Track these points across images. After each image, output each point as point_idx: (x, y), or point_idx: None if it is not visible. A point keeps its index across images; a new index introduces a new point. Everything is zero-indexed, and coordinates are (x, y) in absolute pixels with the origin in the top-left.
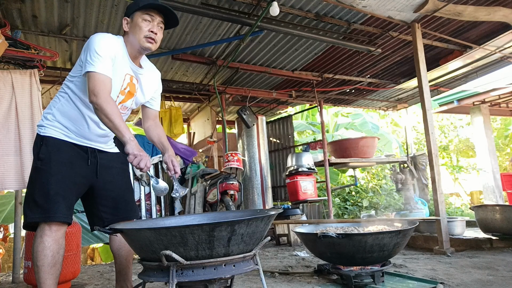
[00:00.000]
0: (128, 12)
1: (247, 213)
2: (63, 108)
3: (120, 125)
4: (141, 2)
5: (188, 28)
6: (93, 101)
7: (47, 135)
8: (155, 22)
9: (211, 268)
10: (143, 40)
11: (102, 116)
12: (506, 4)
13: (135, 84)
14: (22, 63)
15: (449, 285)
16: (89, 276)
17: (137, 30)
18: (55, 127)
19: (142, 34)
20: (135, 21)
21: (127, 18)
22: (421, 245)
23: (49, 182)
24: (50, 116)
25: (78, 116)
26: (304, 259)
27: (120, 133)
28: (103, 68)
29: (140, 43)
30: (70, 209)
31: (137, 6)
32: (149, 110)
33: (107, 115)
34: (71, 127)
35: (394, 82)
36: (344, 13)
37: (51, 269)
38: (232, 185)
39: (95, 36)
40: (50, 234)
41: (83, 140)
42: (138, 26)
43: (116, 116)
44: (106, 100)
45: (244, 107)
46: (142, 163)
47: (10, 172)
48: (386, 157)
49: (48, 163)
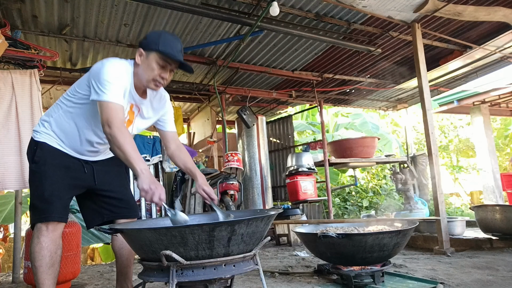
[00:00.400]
0: (145, 45)
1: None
2: (60, 120)
3: (132, 155)
4: (163, 47)
5: (188, 28)
6: (107, 132)
7: (41, 141)
8: (168, 68)
9: (211, 268)
10: (151, 83)
11: (115, 147)
12: (506, 4)
13: (135, 112)
14: (22, 63)
15: (449, 285)
16: (89, 276)
17: (149, 70)
18: (50, 135)
19: (152, 77)
20: (150, 61)
21: (142, 51)
22: (421, 245)
23: (44, 184)
24: (46, 124)
25: (72, 132)
26: (304, 259)
27: (131, 164)
28: (116, 96)
29: (147, 84)
30: (65, 208)
31: (157, 48)
32: (164, 132)
33: (120, 146)
34: (65, 139)
35: (394, 82)
36: (344, 13)
37: (49, 270)
38: (232, 185)
39: (108, 63)
40: (47, 234)
41: (75, 153)
42: (151, 67)
43: (129, 147)
44: (120, 130)
45: (244, 107)
46: (155, 198)
47: (10, 172)
48: (386, 157)
49: (43, 165)
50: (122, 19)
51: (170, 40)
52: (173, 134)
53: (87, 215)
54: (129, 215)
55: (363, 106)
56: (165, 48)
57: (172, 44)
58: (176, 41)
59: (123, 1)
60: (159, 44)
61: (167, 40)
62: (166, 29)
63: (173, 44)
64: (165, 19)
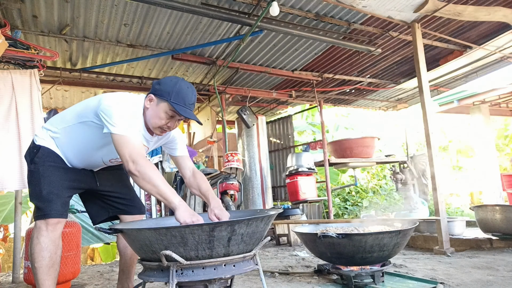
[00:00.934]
0: (157, 92)
1: (247, 213)
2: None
3: (166, 191)
4: (175, 99)
5: (188, 28)
6: (132, 169)
7: (43, 145)
8: (176, 118)
9: (211, 268)
10: (157, 129)
11: (145, 183)
12: (506, 4)
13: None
14: (22, 63)
15: (449, 285)
16: (89, 276)
17: (156, 118)
18: (53, 144)
19: (159, 125)
20: (159, 109)
21: (153, 97)
22: (421, 245)
23: (42, 183)
24: (51, 133)
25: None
26: (304, 259)
27: (167, 200)
28: (133, 131)
29: (153, 129)
30: (64, 206)
31: (169, 99)
32: (175, 158)
33: (152, 182)
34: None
35: (394, 82)
36: (344, 13)
37: (49, 270)
38: (232, 185)
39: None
40: (46, 235)
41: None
42: (159, 116)
43: (161, 182)
44: (147, 167)
45: (244, 107)
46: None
47: (10, 172)
48: (386, 157)
49: (41, 165)
50: (122, 19)
51: (184, 93)
52: (183, 159)
53: (92, 211)
54: (134, 212)
55: (363, 106)
56: (177, 101)
57: (185, 98)
58: (190, 93)
59: (123, 1)
60: (172, 95)
61: (180, 92)
62: (166, 29)
63: (186, 98)
64: (165, 19)
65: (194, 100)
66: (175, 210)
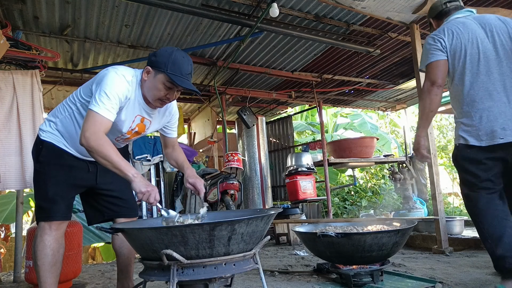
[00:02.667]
0: (154, 64)
1: (247, 212)
2: (66, 121)
3: (120, 164)
4: (171, 70)
5: (188, 29)
6: (85, 144)
7: (47, 140)
8: (175, 90)
9: (211, 267)
10: (157, 101)
11: (99, 158)
12: (505, 5)
13: (146, 125)
14: (24, 63)
15: (448, 284)
16: (90, 275)
17: (155, 90)
18: (55, 135)
19: (158, 97)
20: (157, 81)
21: (150, 69)
22: (419, 244)
23: (47, 184)
24: (52, 124)
25: (76, 135)
26: (304, 258)
27: (122, 172)
28: (107, 111)
29: (152, 101)
30: (69, 207)
31: (166, 70)
32: (167, 138)
33: (105, 156)
34: (69, 140)
35: (393, 83)
36: (343, 14)
37: (52, 268)
38: (232, 184)
39: (112, 75)
40: (50, 233)
41: (78, 154)
42: (157, 88)
43: (114, 156)
44: (98, 142)
45: (244, 108)
46: (151, 198)
47: (11, 172)
48: (385, 157)
49: (47, 165)
50: (123, 20)
51: (180, 63)
52: (174, 140)
53: (89, 213)
54: (129, 214)
55: (362, 106)
56: (174, 72)
57: (181, 68)
58: (186, 63)
59: (124, 2)
60: (168, 66)
61: (176, 63)
62: (166, 30)
63: (183, 68)
64: (165, 20)
65: (190, 70)
66: (130, 182)
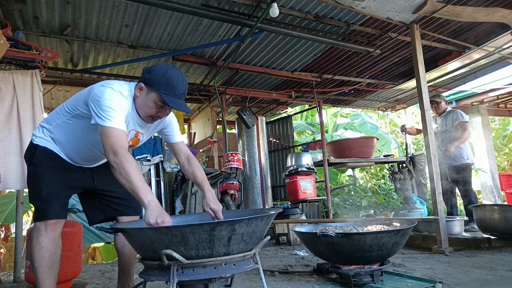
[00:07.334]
0: (146, 81)
1: (247, 212)
2: (59, 129)
3: (139, 186)
4: (164, 90)
5: (188, 29)
6: (112, 160)
7: (41, 145)
8: (166, 108)
9: (211, 267)
10: (148, 118)
11: (120, 176)
12: (505, 5)
13: (140, 138)
14: (24, 63)
15: (448, 284)
16: (90, 275)
17: (146, 107)
18: (49, 142)
19: (149, 114)
20: (149, 99)
21: (143, 86)
22: (419, 244)
23: (41, 184)
24: (46, 131)
25: (69, 143)
26: (304, 258)
27: (138, 195)
28: (119, 122)
29: (144, 118)
30: (63, 206)
31: (158, 89)
32: (171, 144)
33: (126, 175)
34: (62, 148)
35: (393, 83)
36: (343, 14)
37: (49, 269)
38: (232, 184)
39: (109, 91)
40: (45, 235)
41: (71, 161)
42: (149, 106)
43: (135, 177)
44: (126, 159)
45: (244, 108)
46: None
47: (11, 172)
48: (385, 157)
49: (40, 166)
50: (123, 20)
51: (174, 83)
52: (179, 145)
53: (89, 212)
54: (131, 213)
55: (362, 106)
56: (167, 92)
57: (175, 88)
58: (180, 82)
59: (124, 2)
60: (161, 85)
61: (170, 82)
62: (166, 31)
63: (176, 88)
64: (166, 20)
65: (184, 89)
66: (144, 208)
